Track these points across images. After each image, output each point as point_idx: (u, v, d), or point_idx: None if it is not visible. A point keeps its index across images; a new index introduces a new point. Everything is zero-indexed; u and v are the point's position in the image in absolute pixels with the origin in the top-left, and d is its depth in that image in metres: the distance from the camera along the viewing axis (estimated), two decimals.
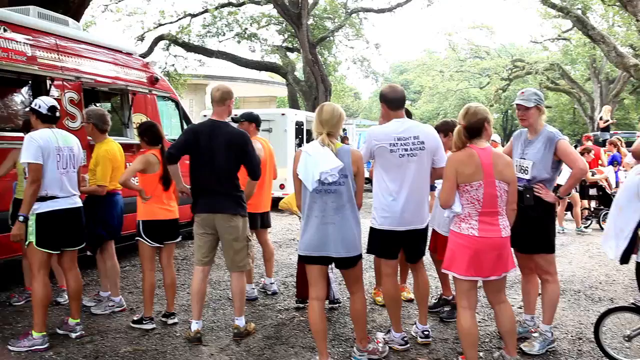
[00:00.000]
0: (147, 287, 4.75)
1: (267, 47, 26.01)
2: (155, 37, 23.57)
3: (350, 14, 23.19)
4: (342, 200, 3.67)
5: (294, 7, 20.46)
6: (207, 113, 14.33)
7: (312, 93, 21.86)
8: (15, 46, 5.80)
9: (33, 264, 4.25)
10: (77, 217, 4.42)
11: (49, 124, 4.34)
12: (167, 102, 8.50)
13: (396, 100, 4.16)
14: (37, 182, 4.13)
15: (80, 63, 6.63)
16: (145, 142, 4.80)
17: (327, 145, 3.65)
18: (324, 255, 3.71)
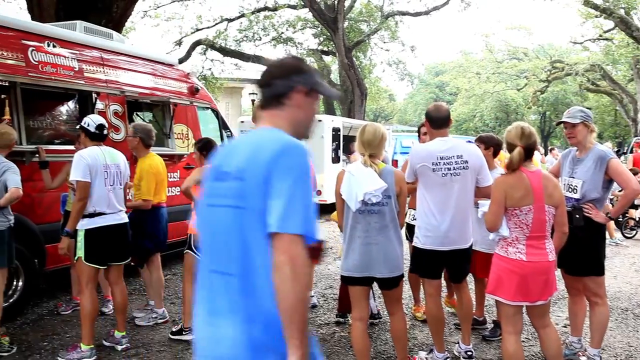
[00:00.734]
0: (189, 298, 4.81)
1: (303, 51, 26.11)
2: (193, 42, 23.94)
3: (386, 18, 23.12)
4: (385, 220, 3.67)
5: (330, 11, 20.51)
6: (245, 119, 14.45)
7: (347, 97, 21.86)
8: (63, 61, 5.95)
9: (81, 278, 4.37)
10: (123, 232, 4.51)
11: (97, 141, 4.44)
12: (206, 112, 8.60)
13: (439, 119, 4.13)
14: (84, 200, 4.24)
15: (124, 76, 6.76)
16: (204, 156, 4.82)
17: (370, 166, 3.65)
18: (367, 276, 3.71)
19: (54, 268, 5.77)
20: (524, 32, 38.61)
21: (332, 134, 13.15)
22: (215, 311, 1.73)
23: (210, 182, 1.84)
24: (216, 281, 1.74)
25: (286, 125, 1.88)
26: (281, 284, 1.59)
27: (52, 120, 6.32)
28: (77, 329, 5.02)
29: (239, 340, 1.67)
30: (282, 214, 1.60)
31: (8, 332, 4.81)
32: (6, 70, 5.27)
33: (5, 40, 5.39)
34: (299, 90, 1.90)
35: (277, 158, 1.67)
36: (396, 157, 18.07)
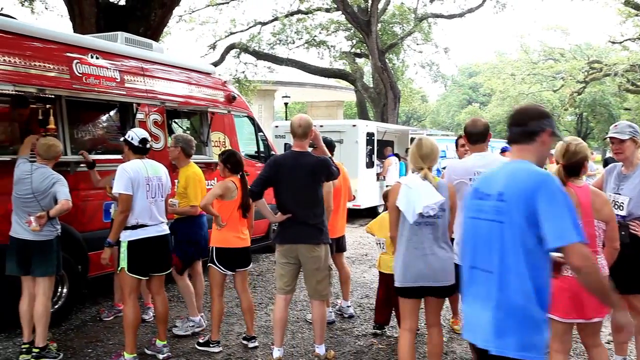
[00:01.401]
0: (216, 312, 4.87)
1: (336, 53, 26.14)
2: (227, 46, 24.19)
3: (420, 21, 22.95)
4: (438, 232, 3.75)
5: (363, 14, 20.48)
6: (279, 124, 14.54)
7: (380, 100, 21.79)
8: (105, 72, 6.09)
9: (124, 288, 4.47)
10: (164, 243, 4.60)
11: (140, 154, 4.54)
12: (243, 119, 8.69)
13: (475, 134, 4.17)
14: (126, 212, 4.34)
15: (163, 86, 6.88)
16: (228, 170, 4.91)
17: (429, 179, 3.72)
18: (425, 286, 3.76)
19: (96, 275, 5.90)
20: (561, 32, 37.80)
21: (366, 139, 13.12)
22: (476, 297, 2.38)
23: (473, 200, 2.45)
24: (477, 275, 2.39)
25: (533, 158, 2.44)
26: (588, 278, 2.24)
27: (94, 130, 6.48)
28: (120, 336, 5.15)
29: (489, 321, 2.29)
30: (564, 230, 2.17)
31: (54, 338, 4.94)
32: (52, 83, 5.42)
33: (51, 53, 5.55)
34: (547, 132, 2.46)
35: (541, 186, 2.24)
36: None
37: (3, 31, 5.19)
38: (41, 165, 4.58)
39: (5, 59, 5.07)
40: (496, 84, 43.61)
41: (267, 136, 9.53)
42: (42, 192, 4.48)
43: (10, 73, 5.08)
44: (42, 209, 4.45)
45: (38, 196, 4.48)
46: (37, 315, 4.51)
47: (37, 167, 4.57)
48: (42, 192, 4.48)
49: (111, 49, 6.37)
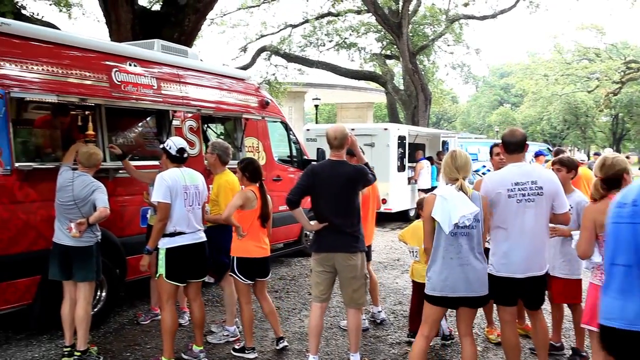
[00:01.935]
0: (246, 320, 4.91)
1: (366, 55, 26.10)
2: (258, 49, 24.35)
3: (451, 22, 22.75)
4: (473, 242, 3.80)
5: (394, 16, 20.41)
6: (310, 127, 14.58)
7: (411, 102, 21.70)
8: (143, 80, 6.20)
9: (162, 295, 4.55)
10: (201, 251, 4.67)
11: (177, 164, 4.62)
12: (276, 123, 8.75)
13: (512, 144, 4.15)
14: (164, 220, 4.43)
15: (199, 93, 6.98)
16: (246, 178, 4.93)
17: (464, 190, 3.78)
18: (461, 296, 3.80)
19: (133, 279, 6.01)
20: (596, 31, 36.99)
21: (397, 142, 13.08)
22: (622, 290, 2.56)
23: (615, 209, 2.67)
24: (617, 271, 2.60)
25: None
26: None
27: (132, 137, 6.60)
28: (157, 340, 5.24)
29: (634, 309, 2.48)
30: None
31: (94, 341, 5.05)
32: (92, 91, 5.54)
33: (92, 62, 5.68)
34: None
35: None
36: None
37: (47, 42, 5.34)
38: (82, 173, 4.70)
39: (48, 69, 5.21)
40: (528, 84, 42.99)
41: (300, 140, 9.57)
42: (82, 199, 4.60)
43: (54, 83, 5.22)
44: (83, 215, 4.57)
45: (79, 203, 4.60)
46: (78, 319, 4.63)
47: (79, 174, 4.68)
48: (83, 199, 4.60)
49: (148, 57, 6.48)
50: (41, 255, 4.87)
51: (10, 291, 4.84)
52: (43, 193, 5.00)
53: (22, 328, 5.41)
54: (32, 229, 4.98)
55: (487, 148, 18.28)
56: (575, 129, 51.04)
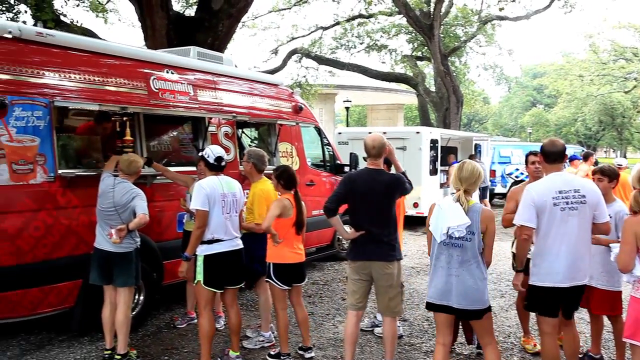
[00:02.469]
0: (281, 325, 4.94)
1: (397, 57, 26.00)
2: (289, 51, 24.46)
3: (484, 24, 22.50)
4: (466, 255, 3.81)
5: (426, 18, 20.29)
6: (342, 130, 14.61)
7: (443, 104, 21.54)
8: (180, 87, 6.31)
9: (199, 301, 4.63)
10: (238, 257, 4.73)
11: (215, 171, 4.69)
12: (309, 128, 8.80)
13: (554, 153, 4.15)
14: (202, 227, 4.50)
15: (234, 99, 7.06)
16: (281, 186, 4.96)
17: (460, 202, 3.81)
18: (447, 305, 3.86)
19: (170, 282, 6.12)
20: (633, 30, 36.10)
21: (429, 146, 13.00)
22: None
23: None
24: None
25: None
26: None
27: (169, 143, 6.72)
28: (193, 344, 5.33)
29: None
30: None
31: (133, 344, 5.15)
32: (131, 99, 5.66)
33: (131, 70, 5.81)
34: None
35: None
36: (494, 167, 17.62)
37: (88, 51, 5.47)
38: (123, 180, 4.81)
39: (90, 78, 5.35)
40: (563, 85, 42.24)
41: (332, 143, 9.60)
42: (122, 205, 4.70)
43: (94, 91, 5.35)
44: (123, 222, 4.67)
45: (119, 209, 4.70)
46: (119, 323, 4.74)
47: (119, 181, 4.79)
48: (123, 206, 4.70)
49: (185, 64, 6.59)
50: (83, 259, 5.00)
51: (53, 294, 4.98)
52: (84, 199, 5.13)
53: (64, 330, 5.53)
54: (74, 234, 5.11)
55: (519, 151, 18.14)
56: (611, 130, 49.95)
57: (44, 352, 5.17)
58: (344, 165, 9.03)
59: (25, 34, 4.91)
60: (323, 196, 8.41)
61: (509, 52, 26.22)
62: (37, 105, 4.87)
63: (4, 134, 4.63)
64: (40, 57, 5.02)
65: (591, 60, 38.98)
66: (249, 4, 11.67)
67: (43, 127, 4.90)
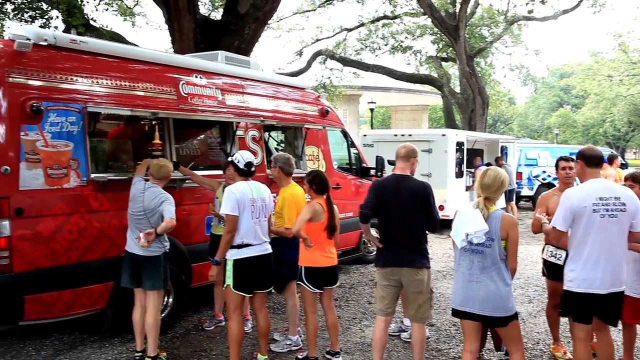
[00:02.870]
0: (310, 329, 4.96)
1: (422, 58, 25.88)
2: (314, 53, 24.51)
3: (510, 24, 22.28)
4: (487, 261, 3.81)
5: (451, 19, 20.16)
6: (367, 132, 14.59)
7: (468, 105, 21.39)
8: (208, 92, 6.37)
9: (229, 305, 4.68)
10: (267, 262, 4.77)
11: (245, 176, 4.73)
12: (335, 131, 8.81)
13: (594, 158, 4.15)
14: (232, 232, 4.55)
15: (261, 103, 7.11)
16: (313, 191, 4.98)
17: (480, 208, 3.81)
18: (470, 312, 3.86)
19: (198, 285, 6.18)
20: None
21: (455, 148, 12.91)
22: None
23: None
24: None
25: None
26: None
27: (197, 146, 6.80)
28: (222, 347, 5.39)
29: None
30: None
31: (162, 346, 5.23)
32: (162, 104, 5.74)
33: (161, 75, 5.89)
34: None
35: None
36: (520, 169, 17.42)
37: (119, 57, 5.57)
38: (153, 185, 4.88)
39: (121, 83, 5.44)
40: (591, 85, 41.59)
41: (358, 146, 9.60)
42: (151, 209, 4.77)
43: (125, 96, 5.45)
44: (151, 225, 4.74)
45: (148, 213, 4.78)
46: (148, 326, 4.81)
47: (149, 186, 4.87)
48: (152, 210, 4.77)
49: (213, 69, 6.66)
50: (114, 262, 5.09)
51: (86, 296, 5.08)
52: (116, 202, 5.22)
53: (95, 331, 5.63)
54: (105, 237, 5.21)
55: (546, 153, 17.90)
56: None
57: (77, 352, 5.28)
58: (370, 168, 9.02)
59: (59, 42, 5.03)
60: (349, 199, 8.46)
61: (536, 52, 25.94)
62: (70, 110, 4.98)
63: (40, 140, 4.74)
64: (74, 64, 5.13)
65: (620, 60, 38.29)
66: (275, 8, 11.73)
67: (76, 132, 5.01)
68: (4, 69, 4.60)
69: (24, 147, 4.64)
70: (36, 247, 4.70)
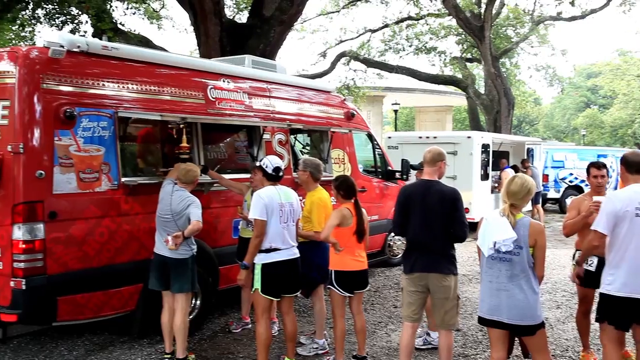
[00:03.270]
0: (339, 333, 4.97)
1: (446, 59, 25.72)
2: (338, 54, 24.50)
3: (537, 24, 22.01)
4: (515, 269, 3.78)
5: (477, 19, 20.00)
6: (392, 134, 14.55)
7: (493, 107, 21.19)
8: (236, 96, 6.43)
9: (257, 308, 4.71)
10: (295, 266, 4.80)
11: (273, 181, 4.77)
12: (361, 134, 8.82)
13: (636, 164, 4.11)
14: (260, 237, 4.59)
15: (287, 107, 7.15)
16: (341, 196, 5.00)
17: (506, 215, 3.79)
18: (498, 320, 3.83)
19: (225, 287, 6.24)
20: None
21: (481, 151, 12.82)
22: None
23: None
24: None
25: None
26: None
27: (224, 150, 6.86)
28: (249, 349, 5.43)
29: None
30: None
31: (190, 348, 5.28)
32: (190, 109, 5.82)
33: (189, 80, 5.97)
34: None
35: None
36: (547, 171, 17.21)
37: (149, 62, 5.65)
38: (180, 188, 4.94)
39: (150, 88, 5.52)
40: (619, 85, 40.90)
41: (383, 149, 9.58)
42: (178, 212, 4.84)
43: (155, 101, 5.53)
44: (179, 228, 4.80)
45: (175, 216, 4.84)
46: (177, 329, 4.88)
47: (177, 189, 4.94)
48: (179, 213, 4.84)
49: (240, 73, 6.72)
50: (143, 264, 5.17)
51: (116, 298, 5.17)
52: (145, 206, 5.30)
53: (125, 332, 5.72)
54: (135, 239, 5.29)
55: (574, 155, 17.65)
56: None
57: (107, 353, 5.37)
58: (395, 172, 9.00)
59: (92, 48, 5.13)
60: (374, 202, 8.46)
61: (563, 52, 25.48)
62: (102, 116, 5.07)
63: (73, 144, 4.84)
64: (105, 70, 5.23)
65: None
66: (300, 11, 11.80)
67: (107, 137, 5.10)
68: (39, 75, 4.71)
69: (57, 152, 4.75)
70: (69, 250, 4.80)
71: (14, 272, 4.57)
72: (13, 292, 4.57)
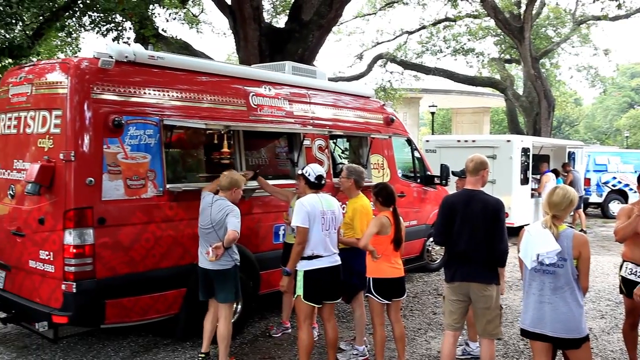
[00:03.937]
0: (378, 340, 4.98)
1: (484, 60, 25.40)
2: (374, 56, 24.49)
3: (579, 24, 21.55)
4: (560, 282, 3.72)
5: (516, 20, 19.71)
6: (430, 138, 14.45)
7: (533, 109, 20.85)
8: (276, 103, 6.50)
9: (299, 315, 4.77)
10: (337, 273, 4.84)
11: (315, 189, 4.82)
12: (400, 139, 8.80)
13: None
14: (303, 244, 4.65)
15: (327, 113, 7.18)
16: (379, 203, 5.00)
17: (549, 227, 3.73)
18: (541, 333, 3.77)
19: (266, 292, 6.32)
20: None
21: (521, 154, 12.62)
22: None
23: None
24: None
25: None
26: None
27: (265, 156, 6.94)
28: (289, 354, 5.49)
29: None
30: None
31: (231, 352, 5.37)
32: (232, 116, 5.90)
33: (233, 88, 6.06)
34: None
35: None
36: (589, 175, 16.84)
37: (192, 71, 5.77)
38: (220, 197, 5.02)
39: (195, 96, 5.63)
40: None
41: (422, 153, 9.53)
42: (218, 222, 4.91)
43: (198, 109, 5.63)
44: (220, 238, 4.86)
45: (215, 226, 4.92)
46: (220, 336, 4.98)
47: (217, 199, 5.01)
48: (218, 223, 4.91)
49: (281, 80, 6.79)
50: (187, 269, 5.31)
51: (161, 301, 5.29)
52: (189, 212, 5.39)
53: (168, 335, 5.85)
54: (179, 245, 5.40)
55: (617, 158, 17.22)
56: None
57: (152, 354, 5.50)
58: (434, 177, 8.95)
59: (139, 58, 5.26)
60: (412, 207, 8.44)
61: (605, 52, 24.77)
62: (148, 124, 5.20)
63: (120, 152, 4.98)
64: (151, 79, 5.35)
65: None
66: (338, 15, 11.83)
67: (153, 145, 5.22)
68: (89, 85, 4.87)
69: (106, 160, 4.89)
70: (117, 255, 4.94)
71: (65, 276, 4.73)
72: (64, 295, 4.74)
